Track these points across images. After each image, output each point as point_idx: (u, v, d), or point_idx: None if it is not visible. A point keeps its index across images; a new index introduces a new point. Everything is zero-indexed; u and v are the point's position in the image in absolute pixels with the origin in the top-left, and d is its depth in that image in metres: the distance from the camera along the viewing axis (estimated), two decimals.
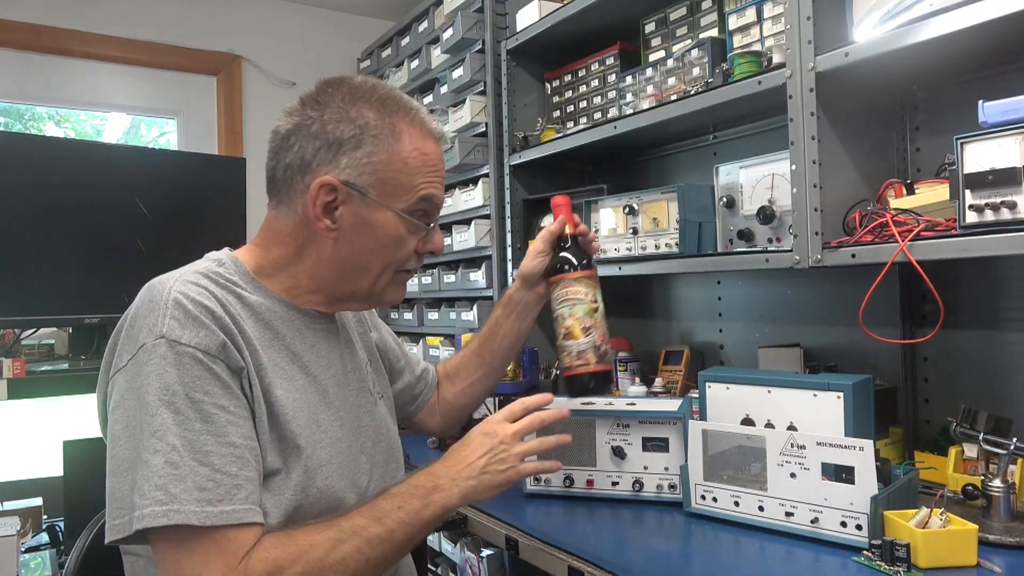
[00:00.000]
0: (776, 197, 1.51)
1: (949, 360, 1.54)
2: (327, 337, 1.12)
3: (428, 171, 1.06)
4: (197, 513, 0.85)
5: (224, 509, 0.87)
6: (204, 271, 1.01)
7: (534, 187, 2.30)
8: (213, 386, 0.91)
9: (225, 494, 0.87)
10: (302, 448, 0.98)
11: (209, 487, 0.87)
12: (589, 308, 1.27)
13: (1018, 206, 1.07)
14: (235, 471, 0.89)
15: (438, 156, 1.09)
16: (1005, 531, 1.12)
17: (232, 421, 0.91)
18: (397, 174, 1.03)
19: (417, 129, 1.06)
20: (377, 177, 1.03)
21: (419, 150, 1.05)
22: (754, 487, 1.22)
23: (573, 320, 1.26)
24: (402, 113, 1.05)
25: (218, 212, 2.40)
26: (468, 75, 2.39)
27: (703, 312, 2.12)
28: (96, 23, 3.02)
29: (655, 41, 1.93)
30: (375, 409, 1.18)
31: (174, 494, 0.85)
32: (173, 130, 3.31)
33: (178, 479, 0.86)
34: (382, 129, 1.02)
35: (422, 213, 1.07)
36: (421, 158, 1.05)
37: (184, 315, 0.92)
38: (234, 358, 0.94)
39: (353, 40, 3.51)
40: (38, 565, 1.88)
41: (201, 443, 0.88)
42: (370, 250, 1.06)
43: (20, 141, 2.30)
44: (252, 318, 1.01)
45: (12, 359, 1.88)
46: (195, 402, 0.89)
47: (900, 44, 1.21)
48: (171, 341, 0.90)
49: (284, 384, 1.00)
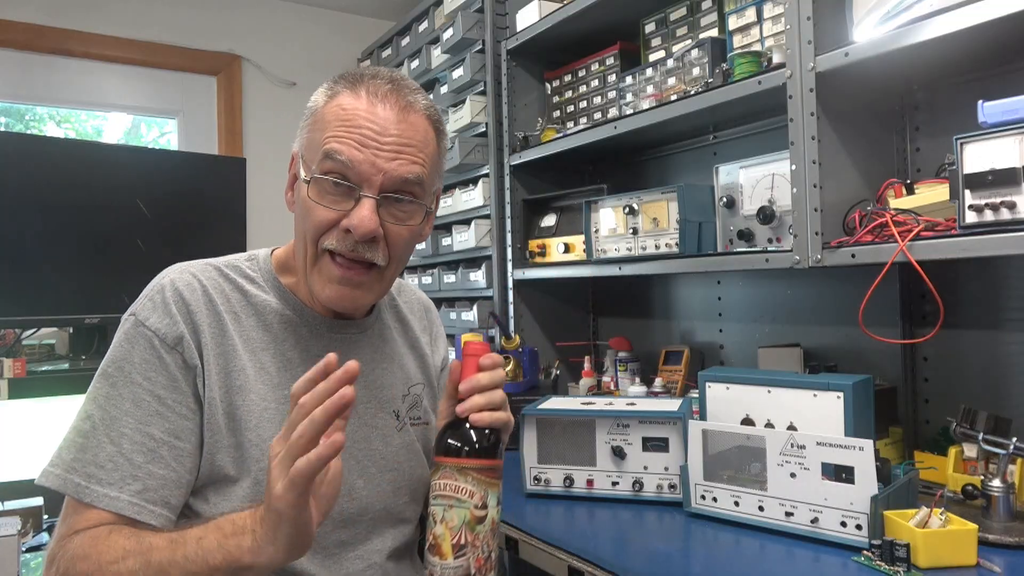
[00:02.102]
0: (776, 197, 1.51)
1: (949, 360, 1.54)
2: (343, 348, 1.02)
3: (338, 125, 0.93)
4: (79, 486, 0.87)
5: (108, 492, 0.87)
6: (223, 263, 1.03)
7: (534, 187, 2.30)
8: (159, 375, 0.92)
9: (119, 479, 0.88)
10: (256, 459, 0.93)
11: (107, 467, 0.88)
12: (471, 516, 0.86)
13: (1018, 206, 1.07)
14: (140, 462, 0.89)
15: (364, 114, 0.93)
16: (1005, 531, 1.12)
17: (162, 414, 0.91)
18: (315, 133, 0.96)
19: (353, 91, 0.95)
20: (304, 141, 0.98)
21: (339, 106, 0.94)
22: (754, 487, 1.22)
23: (444, 529, 0.86)
24: (353, 80, 0.97)
25: (218, 212, 2.41)
26: (468, 75, 2.39)
27: (703, 312, 2.12)
28: (96, 23, 3.02)
29: (655, 41, 1.93)
30: (397, 434, 1.08)
31: (66, 460, 0.88)
32: (173, 130, 3.31)
33: (80, 448, 0.89)
34: (324, 94, 0.98)
35: (335, 176, 0.93)
36: (335, 113, 0.94)
37: (160, 300, 0.95)
38: (190, 353, 0.93)
39: (353, 40, 3.51)
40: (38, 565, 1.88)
41: (121, 423, 0.89)
42: (298, 219, 0.99)
43: (20, 141, 2.30)
44: (253, 317, 1.00)
45: (12, 359, 1.89)
46: (133, 383, 0.91)
47: (900, 44, 1.21)
48: (138, 320, 0.94)
49: (263, 390, 0.96)
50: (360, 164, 0.92)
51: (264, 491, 0.84)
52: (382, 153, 0.93)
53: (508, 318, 2.29)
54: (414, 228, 1.00)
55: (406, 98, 0.96)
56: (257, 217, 2.62)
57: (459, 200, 2.50)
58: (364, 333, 1.09)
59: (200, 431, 0.93)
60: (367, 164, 0.92)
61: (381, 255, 0.97)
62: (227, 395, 0.94)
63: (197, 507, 0.94)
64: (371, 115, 0.93)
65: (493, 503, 0.88)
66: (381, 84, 0.96)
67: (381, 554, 1.03)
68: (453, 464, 0.88)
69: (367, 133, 0.93)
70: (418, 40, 2.85)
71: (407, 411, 1.11)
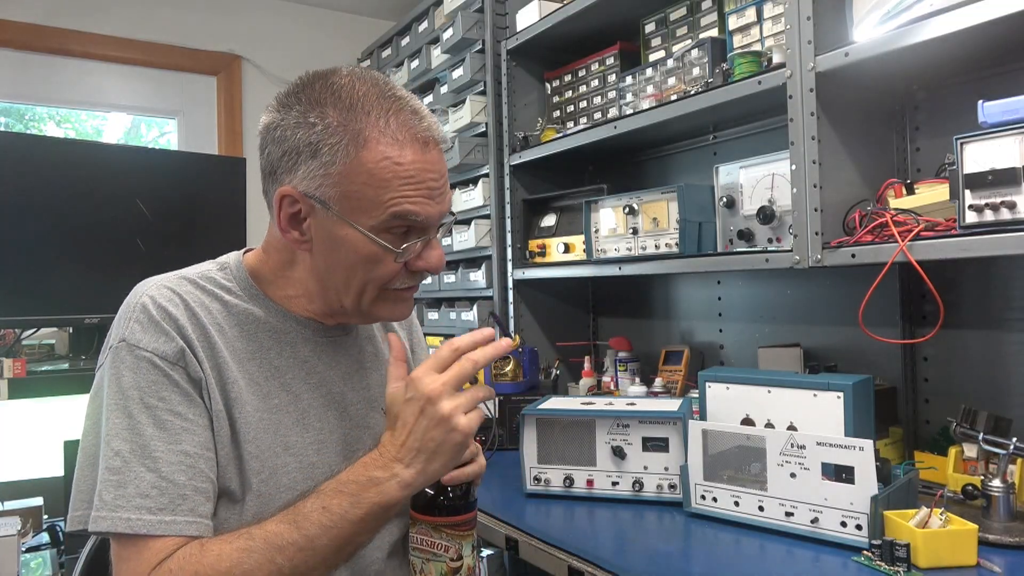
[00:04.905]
0: (776, 197, 1.51)
1: (949, 360, 1.54)
2: (330, 350, 1.05)
3: (402, 183, 0.90)
4: (130, 521, 0.84)
5: (163, 519, 0.85)
6: (196, 275, 0.99)
7: (534, 187, 2.30)
8: (170, 392, 0.89)
9: (168, 503, 0.85)
10: (256, 472, 0.93)
11: (152, 494, 0.85)
12: (447, 568, 0.93)
13: (1018, 206, 1.07)
14: (183, 480, 0.87)
15: (420, 165, 0.91)
16: (1005, 531, 1.12)
17: (188, 429, 0.89)
18: (362, 187, 0.90)
19: (390, 134, 0.90)
20: (339, 190, 0.90)
21: (389, 159, 0.90)
22: (754, 487, 1.22)
23: None
24: (376, 116, 0.90)
25: (218, 212, 2.41)
26: (468, 75, 2.39)
27: (703, 312, 2.11)
28: (96, 23, 3.02)
29: (655, 41, 1.93)
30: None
31: (108, 501, 0.85)
32: (173, 130, 3.31)
33: (117, 485, 0.85)
34: (343, 136, 0.89)
35: (403, 230, 0.93)
36: (391, 169, 0.90)
37: (148, 320, 0.91)
38: (193, 367, 0.91)
39: (353, 40, 3.51)
40: (38, 565, 1.88)
41: (151, 449, 0.86)
42: (345, 266, 0.95)
43: (20, 141, 2.30)
44: (236, 328, 0.98)
45: (12, 359, 1.89)
46: (149, 407, 0.88)
47: (900, 44, 1.21)
48: (130, 345, 0.90)
49: (255, 401, 0.95)
50: (433, 216, 0.95)
51: (265, 505, 0.91)
52: (443, 198, 0.96)
53: (508, 318, 2.29)
54: None
55: (439, 131, 0.96)
56: (257, 217, 2.60)
57: (459, 200, 2.50)
58: (349, 335, 1.09)
59: (215, 440, 0.92)
60: (437, 214, 0.95)
61: None
62: (227, 407, 0.93)
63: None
64: (427, 164, 0.93)
65: (468, 552, 0.94)
66: (410, 119, 0.93)
67: (381, 550, 1.03)
68: (427, 522, 0.94)
69: (432, 185, 0.93)
70: (418, 40, 2.85)
71: None
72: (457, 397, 0.89)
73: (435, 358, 0.91)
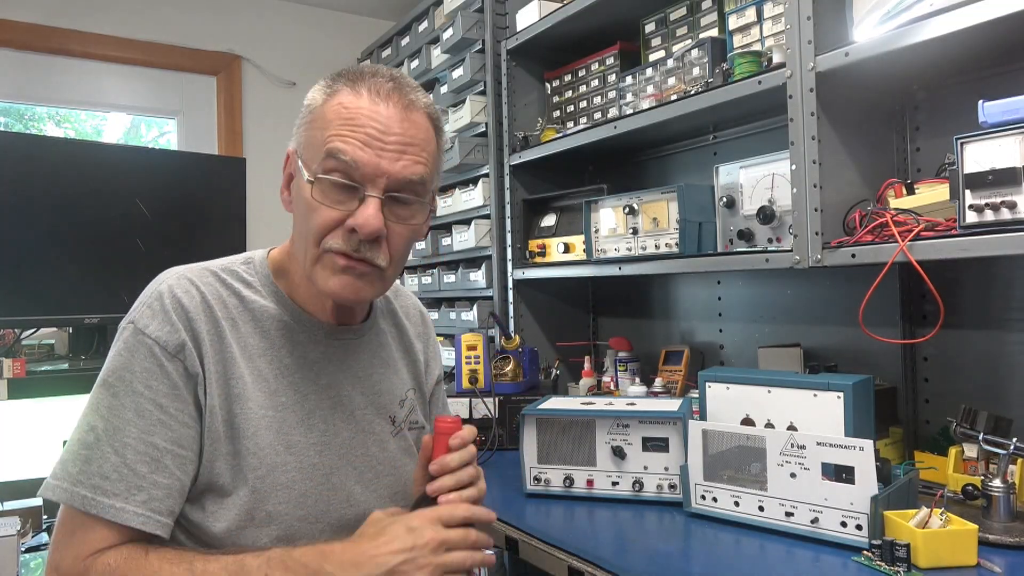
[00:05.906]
0: (776, 197, 1.51)
1: (949, 360, 1.54)
2: (341, 353, 1.05)
3: (341, 123, 0.92)
4: (85, 498, 0.86)
5: (114, 504, 0.86)
6: (219, 267, 1.01)
7: (534, 187, 2.30)
8: (160, 383, 0.91)
9: (124, 490, 0.87)
10: (254, 468, 0.93)
11: (113, 477, 0.87)
12: None
13: (1018, 206, 1.07)
14: (144, 472, 0.88)
15: (367, 112, 0.92)
16: (1005, 531, 1.12)
17: (164, 423, 0.90)
18: (315, 132, 0.94)
19: (354, 89, 0.94)
20: (302, 139, 0.97)
21: (340, 104, 0.93)
22: (754, 487, 1.22)
23: None
24: (354, 77, 0.96)
25: (218, 212, 2.40)
26: (468, 75, 2.39)
27: (703, 312, 2.11)
28: (96, 23, 3.02)
29: (655, 41, 1.93)
30: (393, 439, 1.09)
31: (71, 472, 0.87)
32: (173, 130, 3.31)
33: (84, 460, 0.88)
34: (323, 91, 0.96)
35: (339, 176, 0.92)
36: (337, 111, 0.93)
37: (160, 308, 0.93)
38: (192, 361, 0.92)
39: (353, 40, 3.51)
40: (38, 565, 1.88)
41: (124, 433, 0.89)
42: (298, 218, 0.97)
43: (20, 141, 2.30)
44: (250, 323, 0.99)
45: (12, 359, 1.89)
46: (135, 392, 0.90)
47: (900, 44, 1.21)
48: (137, 328, 0.92)
49: (260, 398, 0.96)
50: (365, 164, 0.91)
51: (259, 503, 0.92)
52: (386, 153, 0.92)
53: (508, 318, 2.29)
54: (416, 227, 1.00)
55: (408, 96, 0.96)
56: (257, 217, 2.62)
57: (459, 200, 2.51)
58: (361, 339, 1.09)
59: (200, 439, 0.93)
60: (371, 164, 0.92)
61: (383, 256, 0.96)
62: (226, 403, 0.94)
63: (192, 515, 0.93)
64: (374, 113, 0.92)
65: None
66: (382, 82, 0.95)
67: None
68: None
69: (371, 132, 0.92)
70: (418, 40, 2.85)
71: (405, 416, 1.12)
72: (447, 556, 0.89)
73: (448, 513, 0.92)
